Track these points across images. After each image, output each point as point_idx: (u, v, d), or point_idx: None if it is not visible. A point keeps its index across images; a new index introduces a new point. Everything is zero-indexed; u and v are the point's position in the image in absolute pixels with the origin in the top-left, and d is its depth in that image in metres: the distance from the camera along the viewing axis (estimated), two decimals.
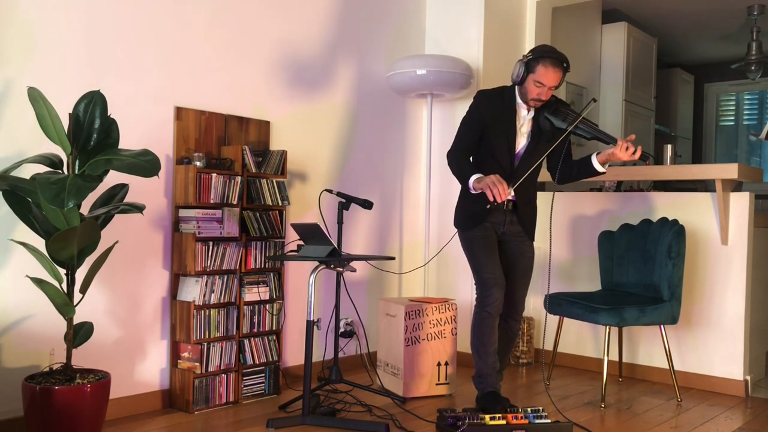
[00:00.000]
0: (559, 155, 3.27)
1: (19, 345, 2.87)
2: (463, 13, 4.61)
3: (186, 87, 3.42)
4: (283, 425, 3.07)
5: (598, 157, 3.14)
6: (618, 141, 3.03)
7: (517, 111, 3.23)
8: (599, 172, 3.18)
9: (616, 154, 3.03)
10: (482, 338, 3.24)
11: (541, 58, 3.06)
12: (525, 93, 3.16)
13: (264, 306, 3.55)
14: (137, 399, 3.25)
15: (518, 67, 3.13)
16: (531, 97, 3.14)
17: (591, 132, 3.12)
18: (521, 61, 3.12)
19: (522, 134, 3.24)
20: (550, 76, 3.06)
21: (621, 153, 3.01)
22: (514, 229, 3.31)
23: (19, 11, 2.84)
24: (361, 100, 4.38)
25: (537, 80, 3.08)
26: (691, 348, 4.02)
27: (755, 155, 8.19)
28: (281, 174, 3.65)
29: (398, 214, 4.62)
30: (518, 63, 3.14)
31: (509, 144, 3.22)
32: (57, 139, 2.56)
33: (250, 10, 3.71)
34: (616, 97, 6.26)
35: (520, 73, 3.11)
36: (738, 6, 6.16)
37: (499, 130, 3.22)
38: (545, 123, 3.18)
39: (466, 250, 3.33)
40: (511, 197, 3.24)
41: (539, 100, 3.13)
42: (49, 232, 2.62)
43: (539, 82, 3.07)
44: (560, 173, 3.30)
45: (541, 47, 3.14)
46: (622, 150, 3.00)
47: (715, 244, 3.94)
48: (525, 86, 3.14)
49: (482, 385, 3.26)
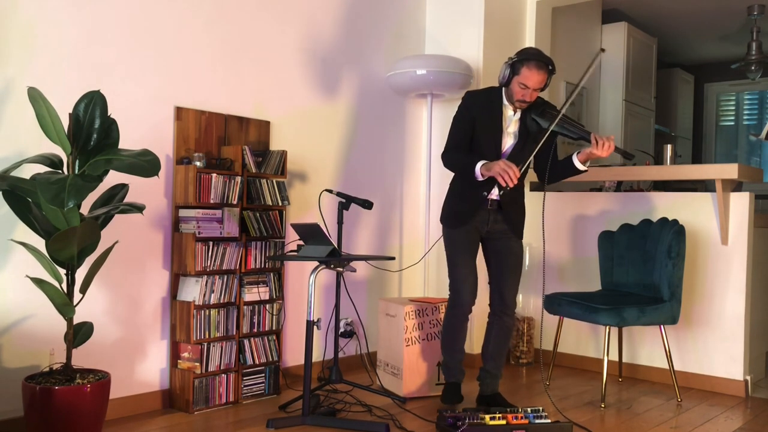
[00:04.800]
0: (546, 156, 3.30)
1: (19, 345, 2.88)
2: (463, 13, 4.61)
3: (186, 87, 3.42)
4: (283, 425, 3.07)
5: (578, 156, 3.20)
6: (592, 138, 3.09)
7: (504, 112, 3.28)
8: (580, 170, 3.23)
9: (594, 152, 3.10)
10: (452, 336, 3.40)
11: (525, 61, 3.13)
12: (511, 94, 3.22)
13: (264, 306, 3.55)
14: (137, 399, 3.25)
15: (504, 69, 3.20)
16: (516, 99, 3.19)
17: (575, 132, 3.16)
18: (507, 63, 3.19)
19: (508, 134, 3.28)
20: (534, 78, 3.11)
21: (598, 150, 3.08)
22: (499, 227, 3.33)
23: (19, 11, 2.84)
24: (361, 100, 4.37)
25: (521, 82, 3.14)
26: (691, 348, 4.01)
27: (755, 155, 8.19)
28: (281, 174, 3.65)
29: (398, 214, 4.62)
30: (504, 65, 3.20)
31: (495, 144, 3.26)
32: (57, 139, 2.56)
33: (250, 10, 3.71)
34: (616, 97, 6.26)
35: (506, 74, 3.19)
36: (738, 6, 6.16)
37: (486, 130, 3.27)
38: (532, 124, 3.25)
39: (447, 248, 3.39)
40: (496, 197, 3.27)
41: (524, 101, 3.19)
42: (49, 232, 2.62)
43: (523, 84, 3.13)
44: (549, 175, 3.34)
45: (526, 50, 3.20)
46: (598, 147, 3.07)
47: (715, 244, 3.94)
48: (510, 88, 3.21)
49: (447, 375, 3.48)
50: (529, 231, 4.67)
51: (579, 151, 3.21)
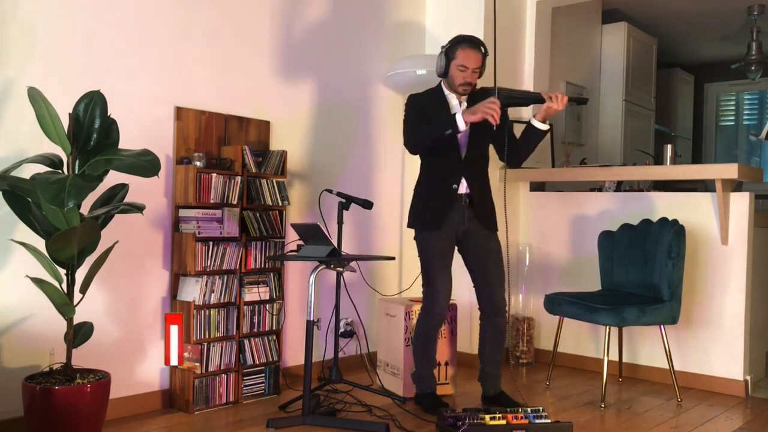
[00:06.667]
0: (502, 136, 3.29)
1: (19, 345, 2.88)
2: (463, 14, 4.61)
3: (186, 87, 3.42)
4: (283, 425, 3.07)
5: (536, 117, 3.23)
6: (545, 95, 3.15)
7: (449, 102, 3.29)
8: (543, 130, 3.24)
9: (551, 106, 3.15)
10: (425, 344, 3.39)
11: (458, 44, 3.20)
12: (453, 82, 3.24)
13: (264, 306, 3.55)
14: (137, 399, 3.25)
15: (439, 60, 3.24)
16: (458, 84, 3.21)
17: (524, 97, 3.21)
18: (440, 53, 3.23)
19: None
20: (471, 57, 3.17)
21: (554, 104, 3.13)
22: (473, 225, 3.29)
23: (19, 11, 2.84)
24: (361, 100, 4.37)
25: (460, 64, 3.18)
26: (691, 348, 4.01)
27: (755, 155, 8.19)
28: (281, 174, 3.65)
29: (398, 214, 4.62)
30: (438, 56, 3.25)
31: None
32: (57, 139, 2.56)
33: (250, 10, 3.71)
34: (616, 97, 6.26)
35: (442, 63, 3.23)
36: (738, 6, 6.16)
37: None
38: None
39: (422, 255, 3.33)
40: (466, 191, 3.25)
41: (467, 83, 3.21)
42: (49, 232, 2.62)
43: (462, 65, 3.18)
44: (512, 155, 3.33)
45: (457, 36, 3.25)
46: (553, 101, 3.13)
47: (715, 244, 3.94)
48: (450, 75, 3.23)
49: (422, 386, 3.42)
50: (531, 231, 4.68)
51: (534, 114, 3.24)
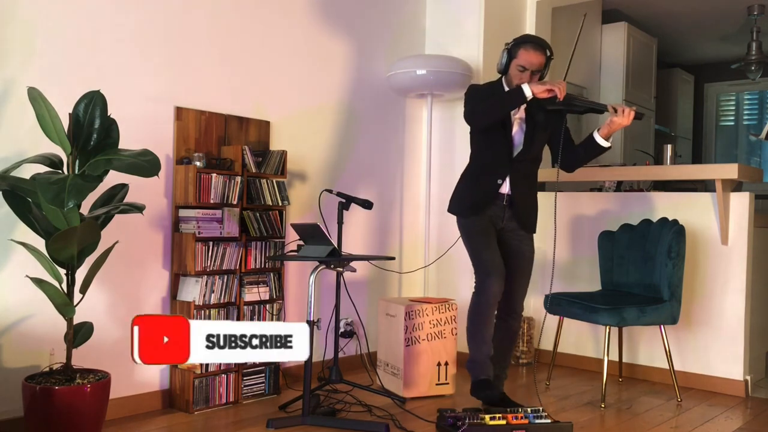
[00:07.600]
0: (558, 139, 3.27)
1: (19, 345, 2.88)
2: (463, 13, 4.61)
3: (186, 87, 3.42)
4: (283, 425, 3.07)
5: (599, 132, 3.19)
6: (610, 107, 3.11)
7: None
8: (605, 147, 3.21)
9: (616, 122, 3.12)
10: (479, 326, 3.22)
11: (522, 43, 3.19)
12: (511, 81, 3.23)
13: (264, 306, 3.55)
14: (137, 399, 3.25)
15: (502, 56, 3.23)
16: (515, 84, 3.18)
17: (582, 104, 3.18)
18: (504, 50, 3.23)
19: (515, 121, 3.25)
20: (532, 59, 3.15)
21: (620, 119, 3.10)
22: (511, 225, 3.28)
23: (19, 11, 2.84)
24: (361, 100, 4.37)
25: (519, 64, 3.17)
26: (691, 348, 4.01)
27: (755, 155, 8.19)
28: (281, 174, 3.65)
29: (398, 214, 4.62)
30: (502, 52, 3.23)
31: (505, 131, 3.22)
32: (57, 139, 2.56)
33: (250, 10, 3.71)
34: (616, 97, 6.25)
35: (503, 60, 3.23)
36: (738, 6, 6.16)
37: None
38: (538, 114, 3.22)
39: (465, 237, 3.30)
40: (508, 192, 3.24)
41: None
42: (49, 232, 2.62)
43: (522, 66, 3.17)
44: (567, 160, 3.31)
45: (523, 35, 3.25)
46: (620, 116, 3.10)
47: (715, 244, 3.94)
48: (510, 73, 3.23)
49: (475, 371, 3.25)
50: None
51: (598, 128, 3.20)
